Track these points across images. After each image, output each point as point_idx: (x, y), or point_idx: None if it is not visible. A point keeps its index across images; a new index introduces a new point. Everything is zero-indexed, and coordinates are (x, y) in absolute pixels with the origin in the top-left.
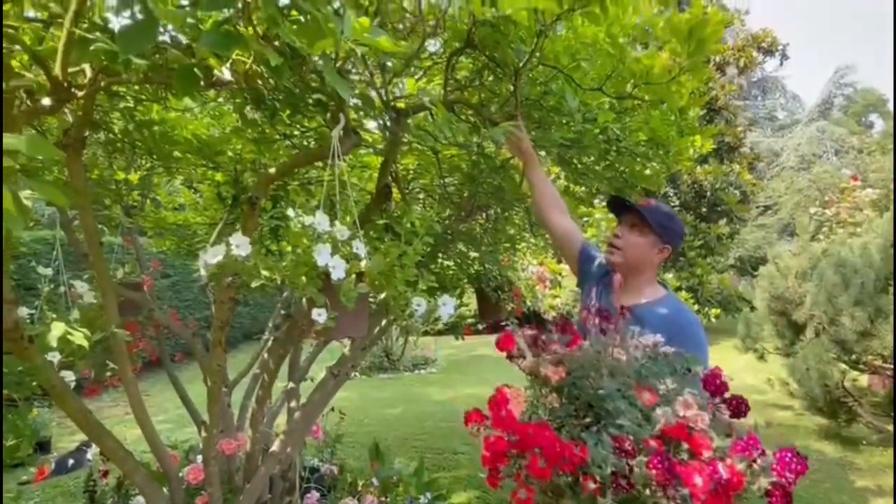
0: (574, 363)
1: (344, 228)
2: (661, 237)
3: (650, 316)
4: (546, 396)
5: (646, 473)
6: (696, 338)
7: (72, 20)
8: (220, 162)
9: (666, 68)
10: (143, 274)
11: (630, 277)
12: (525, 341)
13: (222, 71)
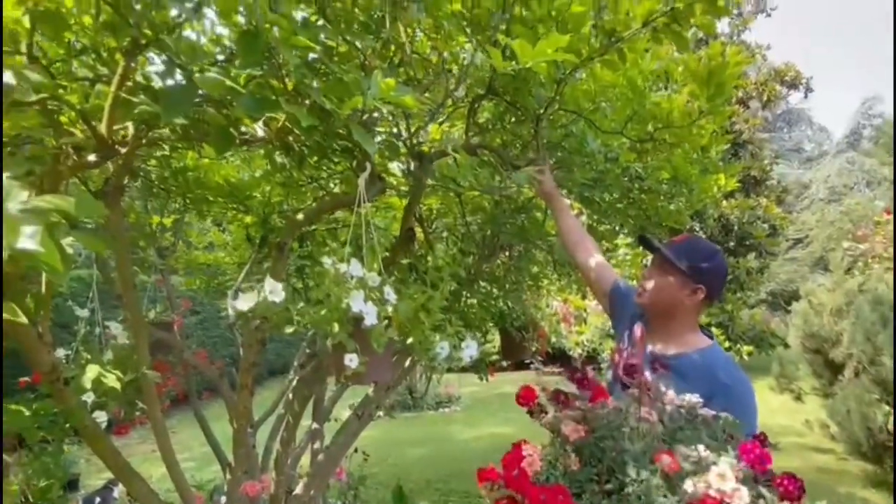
0: (597, 422)
1: (374, 275)
2: (691, 277)
3: (688, 368)
4: (566, 457)
5: None
6: (743, 399)
7: (118, 83)
8: (249, 205)
9: (686, 111)
10: (174, 314)
11: (661, 322)
12: (547, 395)
13: (255, 129)
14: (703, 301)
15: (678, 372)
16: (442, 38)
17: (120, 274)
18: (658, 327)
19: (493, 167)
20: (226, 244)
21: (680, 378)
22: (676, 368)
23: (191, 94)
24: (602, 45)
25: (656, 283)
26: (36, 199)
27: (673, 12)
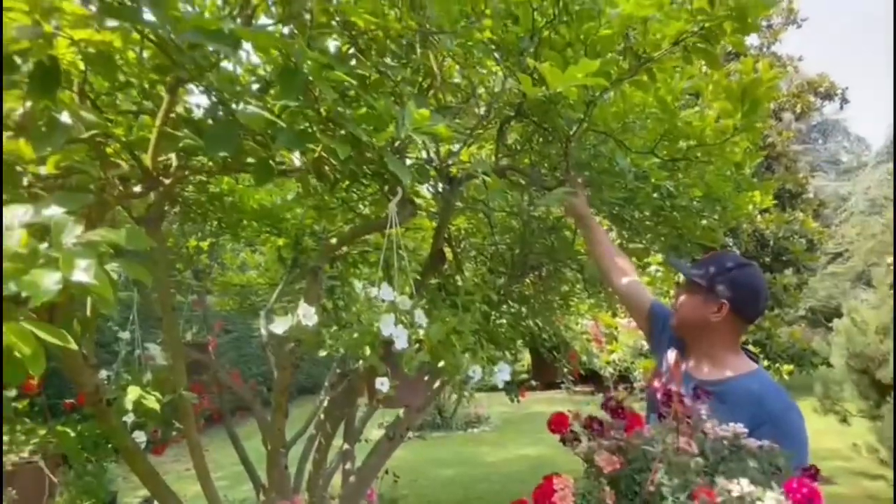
0: (633, 452)
1: (405, 298)
2: (713, 293)
3: (730, 395)
4: (600, 490)
5: None
6: (793, 428)
7: (162, 117)
8: (282, 227)
9: (719, 129)
10: (209, 335)
11: (697, 344)
12: (580, 422)
13: (292, 159)
14: (735, 319)
15: (720, 398)
16: (471, 64)
17: (160, 297)
18: (695, 350)
19: (523, 188)
20: (258, 265)
21: (722, 405)
22: (718, 395)
23: (233, 129)
24: (631, 66)
25: (682, 302)
26: (89, 233)
27: (703, 31)
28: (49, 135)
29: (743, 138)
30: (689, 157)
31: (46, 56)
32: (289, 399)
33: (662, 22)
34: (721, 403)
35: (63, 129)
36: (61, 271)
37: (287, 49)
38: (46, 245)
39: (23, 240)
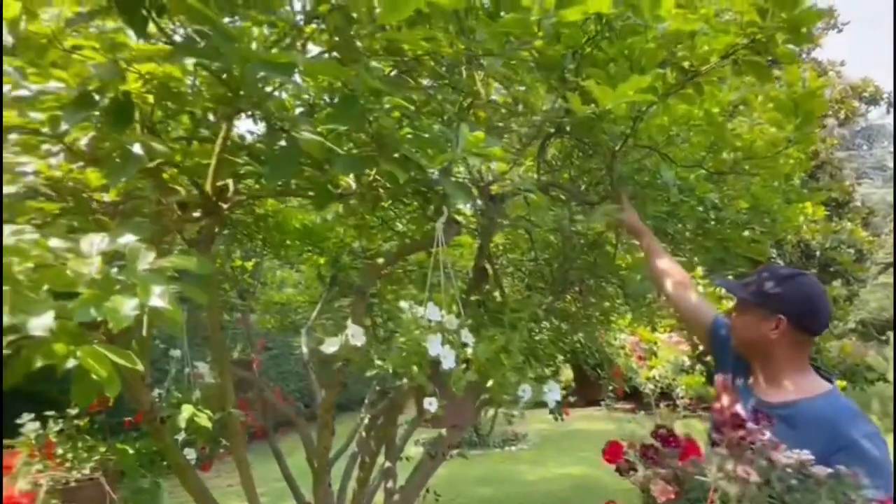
0: (689, 482)
1: (452, 318)
2: (765, 308)
3: (799, 418)
4: None
5: None
6: (871, 456)
7: (220, 145)
8: (323, 247)
9: (770, 141)
10: (253, 352)
11: (759, 364)
12: (636, 451)
13: (349, 183)
14: (796, 333)
15: (788, 422)
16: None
17: (209, 317)
18: (759, 370)
19: (564, 204)
20: (297, 283)
21: (790, 429)
22: (785, 418)
23: (294, 157)
24: (678, 79)
25: (736, 321)
26: (161, 259)
27: (754, 44)
28: (123, 165)
29: (795, 150)
30: (737, 169)
31: (120, 92)
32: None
33: (710, 35)
34: (791, 429)
35: (136, 159)
36: (139, 297)
37: (346, 78)
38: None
39: (100, 267)
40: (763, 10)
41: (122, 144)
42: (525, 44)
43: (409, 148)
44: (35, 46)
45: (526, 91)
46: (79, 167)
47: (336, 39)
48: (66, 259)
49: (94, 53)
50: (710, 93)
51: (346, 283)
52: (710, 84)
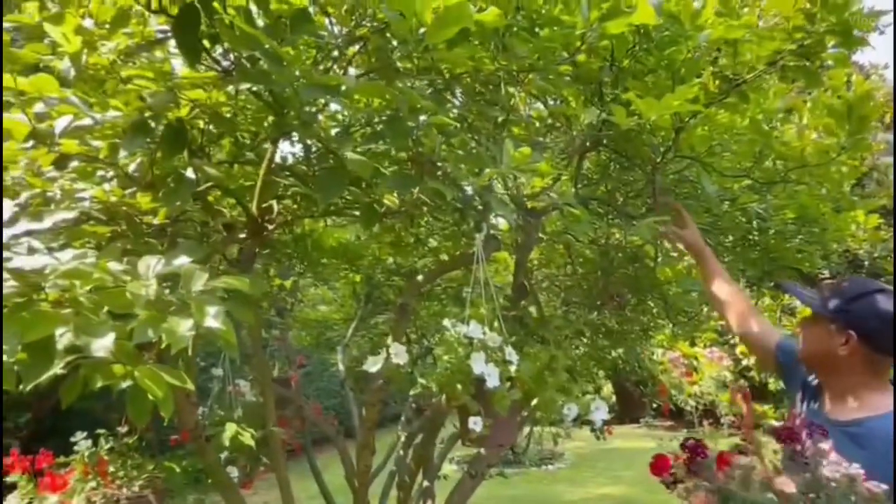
0: (727, 495)
1: (495, 335)
2: (837, 322)
3: (868, 437)
4: None
5: None
6: None
7: (266, 167)
8: (359, 265)
9: (822, 148)
10: (291, 370)
11: (828, 380)
12: (682, 464)
13: (394, 201)
14: (869, 352)
15: (856, 441)
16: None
17: (251, 336)
18: (829, 386)
19: (602, 217)
20: (333, 300)
21: (860, 449)
22: (854, 437)
23: (342, 177)
24: (721, 88)
25: (805, 331)
26: (215, 280)
27: (802, 49)
28: (177, 190)
29: (847, 156)
30: (787, 179)
31: (174, 119)
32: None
33: (755, 42)
34: (860, 448)
35: (188, 184)
36: (194, 318)
37: (393, 98)
38: (167, 291)
39: (156, 289)
40: (811, 15)
41: (176, 169)
42: (567, 58)
43: (452, 164)
44: (94, 78)
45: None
46: (131, 192)
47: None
48: (125, 281)
49: (147, 83)
50: (756, 100)
51: (380, 300)
52: (755, 92)
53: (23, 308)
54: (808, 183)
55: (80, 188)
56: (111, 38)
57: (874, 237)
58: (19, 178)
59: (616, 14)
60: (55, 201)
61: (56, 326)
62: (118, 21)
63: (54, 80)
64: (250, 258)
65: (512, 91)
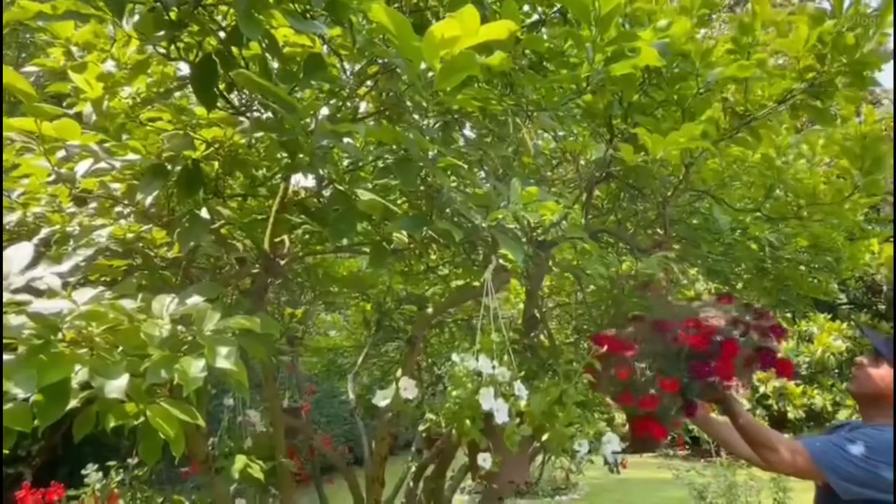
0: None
1: (504, 369)
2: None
3: (865, 433)
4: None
5: None
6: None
7: (278, 203)
8: (371, 293)
9: (836, 187)
10: (301, 400)
11: (868, 415)
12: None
13: (403, 239)
14: None
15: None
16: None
17: (263, 369)
18: (870, 422)
19: (612, 246)
20: (343, 328)
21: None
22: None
23: (353, 217)
24: (731, 125)
25: (865, 370)
26: (226, 320)
27: (813, 88)
28: (192, 229)
29: (861, 195)
30: (799, 215)
31: (190, 160)
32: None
33: (766, 80)
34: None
35: (203, 223)
36: (206, 359)
37: (402, 140)
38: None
39: (170, 328)
40: (822, 55)
41: (191, 209)
42: (574, 98)
43: (462, 203)
44: (114, 121)
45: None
46: (147, 228)
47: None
48: (139, 320)
49: (164, 125)
50: (767, 136)
51: (390, 328)
52: (767, 128)
53: (40, 350)
54: (821, 220)
55: (97, 224)
56: (132, 83)
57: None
58: (40, 214)
59: (620, 57)
60: (74, 237)
61: (72, 368)
62: (139, 67)
63: (77, 126)
64: (262, 289)
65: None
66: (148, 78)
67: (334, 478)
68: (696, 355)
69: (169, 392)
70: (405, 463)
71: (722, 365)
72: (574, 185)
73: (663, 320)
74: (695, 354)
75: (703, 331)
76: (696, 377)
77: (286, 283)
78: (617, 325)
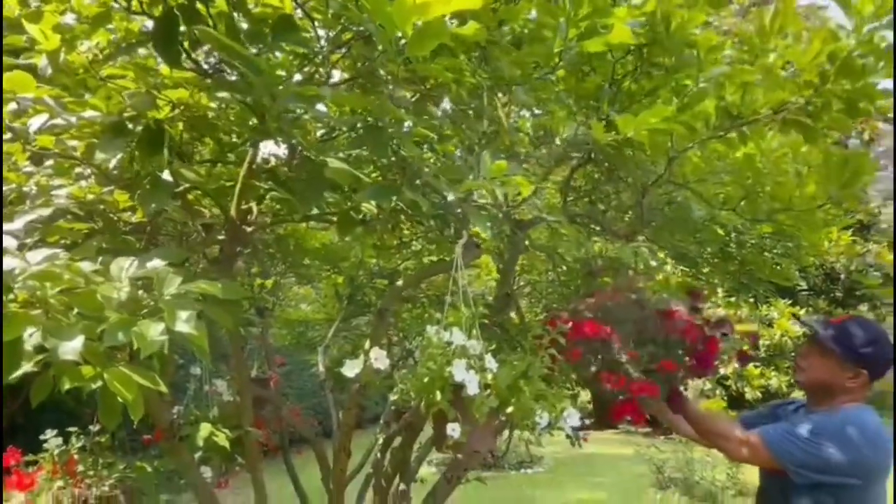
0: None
1: (475, 342)
2: (851, 361)
3: (842, 416)
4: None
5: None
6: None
7: (246, 170)
8: (342, 266)
9: (810, 195)
10: (271, 370)
11: (819, 399)
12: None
13: (372, 209)
14: (867, 383)
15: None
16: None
17: (230, 337)
18: (817, 404)
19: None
20: (314, 300)
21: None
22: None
23: (320, 185)
24: (722, 124)
25: (814, 363)
26: (188, 284)
27: (808, 106)
28: (153, 192)
29: (835, 206)
30: (773, 218)
31: (152, 120)
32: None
33: (765, 87)
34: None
35: (165, 186)
36: (165, 322)
37: (372, 108)
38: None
39: (128, 291)
40: (825, 74)
41: (153, 171)
42: (548, 73)
43: (431, 175)
44: (72, 75)
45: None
46: (108, 190)
47: (359, 66)
48: (96, 283)
49: (127, 82)
50: (755, 139)
51: (362, 302)
52: (756, 134)
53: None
54: (791, 225)
55: (56, 185)
56: (91, 37)
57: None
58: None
59: (593, 33)
60: (31, 197)
61: (25, 328)
62: (99, 20)
63: (31, 78)
64: (231, 258)
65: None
66: (111, 35)
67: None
68: (685, 345)
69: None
70: (374, 435)
71: (708, 357)
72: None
73: (663, 308)
74: (684, 345)
75: (694, 324)
76: (697, 365)
77: (256, 254)
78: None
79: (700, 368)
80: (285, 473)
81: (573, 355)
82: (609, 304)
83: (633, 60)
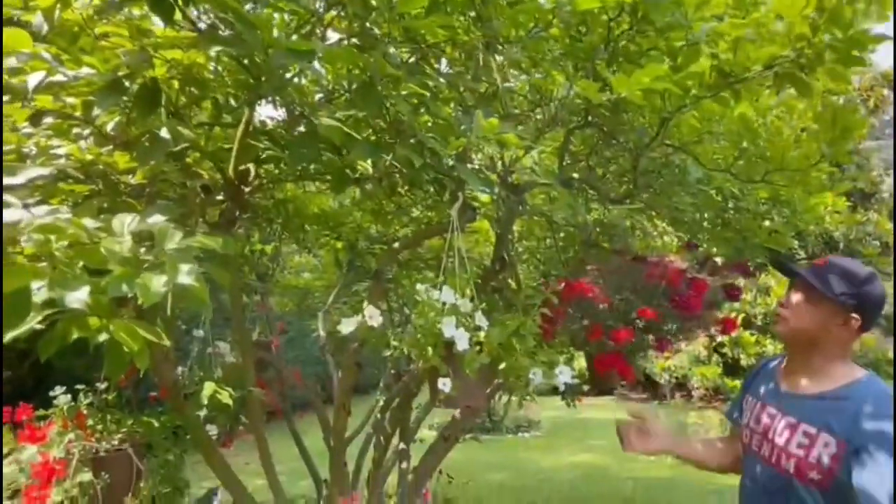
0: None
1: (466, 301)
2: (844, 306)
3: (858, 396)
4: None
5: None
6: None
7: (243, 130)
8: (341, 231)
9: (804, 154)
10: (272, 335)
11: (803, 356)
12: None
13: (367, 168)
14: (857, 331)
15: (844, 402)
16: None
17: (231, 298)
18: (799, 362)
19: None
20: (315, 268)
21: (846, 406)
22: (841, 398)
23: (314, 142)
24: (716, 82)
25: (799, 311)
26: (188, 239)
27: (800, 59)
28: (151, 149)
29: (827, 165)
30: (768, 180)
31: (149, 78)
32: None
33: (756, 43)
34: (848, 406)
35: (163, 144)
36: (167, 275)
37: (365, 65)
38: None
39: (131, 245)
40: (815, 25)
41: (150, 129)
42: (541, 31)
43: (425, 133)
44: (68, 34)
45: (544, 78)
46: (107, 150)
47: (355, 26)
48: (99, 238)
49: (122, 40)
50: (747, 97)
51: (362, 268)
52: (750, 91)
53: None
54: (785, 185)
55: (55, 145)
56: None
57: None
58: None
59: None
60: (30, 157)
61: (31, 279)
62: None
63: (27, 35)
64: (230, 221)
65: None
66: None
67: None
68: (667, 290)
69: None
70: (374, 399)
71: (693, 299)
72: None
73: (640, 256)
74: (665, 289)
75: (674, 270)
76: (683, 308)
77: (256, 219)
78: (581, 270)
79: (686, 311)
80: (290, 436)
81: (559, 314)
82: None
83: (627, 20)
